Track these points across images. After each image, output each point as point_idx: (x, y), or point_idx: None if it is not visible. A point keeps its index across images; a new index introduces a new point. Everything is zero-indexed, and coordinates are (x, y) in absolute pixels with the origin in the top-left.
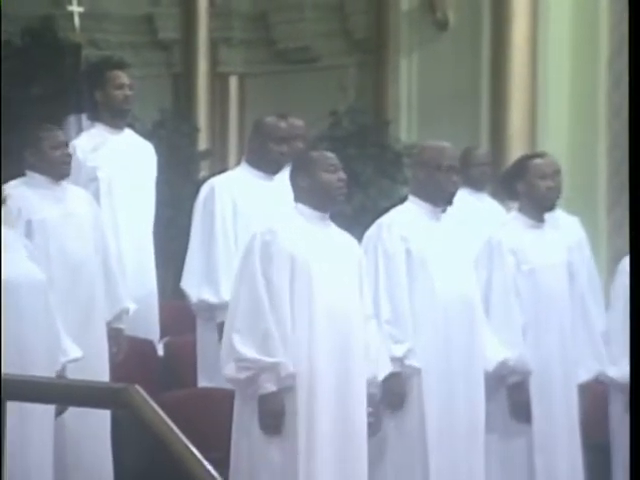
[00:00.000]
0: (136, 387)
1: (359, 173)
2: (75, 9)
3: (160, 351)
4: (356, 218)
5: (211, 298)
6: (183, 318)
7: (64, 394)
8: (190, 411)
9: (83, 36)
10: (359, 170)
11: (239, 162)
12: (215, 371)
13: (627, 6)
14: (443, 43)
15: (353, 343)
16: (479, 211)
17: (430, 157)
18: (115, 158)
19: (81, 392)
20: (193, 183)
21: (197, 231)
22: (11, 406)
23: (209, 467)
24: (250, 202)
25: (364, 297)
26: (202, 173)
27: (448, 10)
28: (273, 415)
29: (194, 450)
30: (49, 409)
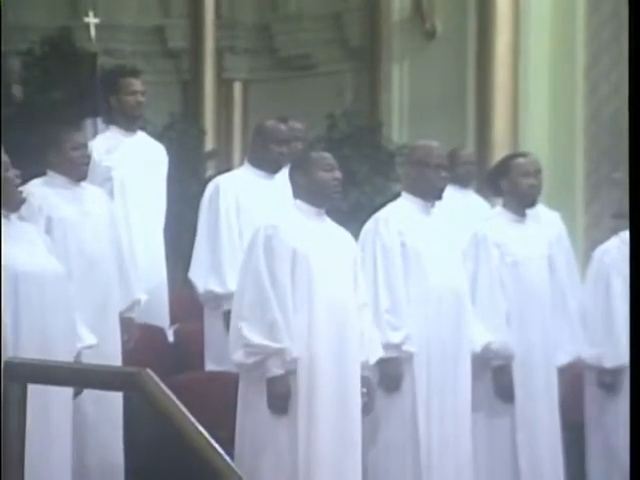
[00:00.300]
0: (148, 371)
1: (355, 172)
2: (91, 21)
3: (170, 337)
4: (352, 214)
5: (217, 288)
6: (191, 307)
7: (82, 377)
8: (198, 393)
9: (98, 46)
10: (355, 169)
11: (243, 162)
12: (221, 356)
13: (602, 21)
14: (432, 51)
15: (349, 330)
16: (465, 207)
17: (420, 156)
18: (128, 159)
19: (98, 376)
20: (200, 181)
21: (203, 226)
22: (33, 388)
23: (215, 444)
24: (252, 199)
25: (359, 287)
26: (209, 172)
27: (436, 21)
28: (280, 396)
29: (201, 428)
30: (68, 391)
